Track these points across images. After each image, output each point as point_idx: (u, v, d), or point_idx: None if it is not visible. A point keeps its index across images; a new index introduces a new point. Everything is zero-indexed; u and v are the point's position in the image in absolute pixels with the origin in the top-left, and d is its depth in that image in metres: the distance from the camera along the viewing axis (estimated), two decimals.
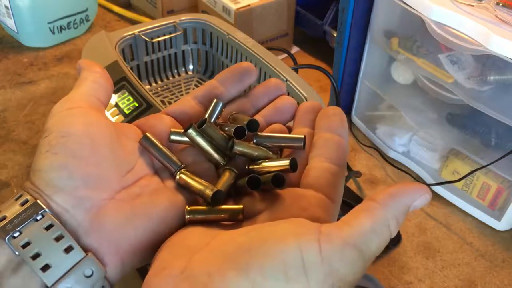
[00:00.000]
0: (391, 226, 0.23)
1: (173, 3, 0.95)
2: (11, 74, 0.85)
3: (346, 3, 0.68)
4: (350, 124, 0.79)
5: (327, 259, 0.22)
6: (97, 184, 0.27)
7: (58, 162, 0.26)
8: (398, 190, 0.23)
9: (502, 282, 0.58)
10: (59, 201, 0.26)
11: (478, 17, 0.55)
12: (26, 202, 0.26)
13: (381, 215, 0.23)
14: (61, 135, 0.27)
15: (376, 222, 0.23)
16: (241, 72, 0.33)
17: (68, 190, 0.26)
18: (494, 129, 0.61)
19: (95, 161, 0.27)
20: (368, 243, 0.22)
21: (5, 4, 0.85)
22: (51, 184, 0.26)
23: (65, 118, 0.28)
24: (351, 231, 0.22)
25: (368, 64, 0.73)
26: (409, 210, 0.24)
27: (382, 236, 0.23)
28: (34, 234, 0.25)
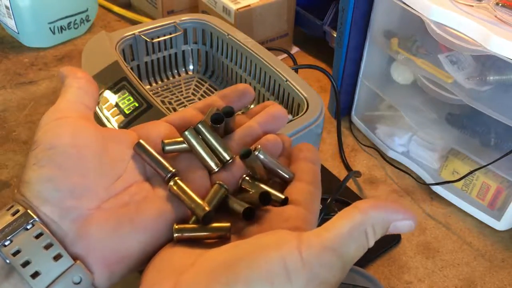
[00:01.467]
0: (368, 234, 0.24)
1: (173, 3, 0.95)
2: (12, 74, 0.85)
3: (346, 3, 0.68)
4: (350, 124, 0.79)
5: (308, 264, 0.23)
6: (83, 194, 0.27)
7: (45, 175, 0.27)
8: (383, 203, 0.24)
9: (502, 282, 0.58)
10: (47, 212, 0.26)
11: (477, 17, 0.55)
12: (17, 212, 0.26)
13: (359, 220, 0.24)
14: (48, 147, 0.27)
15: (353, 227, 0.24)
16: (241, 92, 0.34)
17: (54, 202, 0.27)
18: (493, 129, 0.62)
19: (81, 172, 0.28)
20: (346, 247, 0.23)
21: (6, 4, 0.85)
22: (38, 196, 0.27)
23: (52, 130, 0.28)
24: (329, 236, 0.23)
25: (368, 64, 0.73)
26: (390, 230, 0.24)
27: (359, 242, 0.24)
28: (24, 242, 0.26)
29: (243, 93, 0.34)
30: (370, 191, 0.68)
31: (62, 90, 0.31)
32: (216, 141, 0.31)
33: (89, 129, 0.29)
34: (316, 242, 0.23)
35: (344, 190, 0.66)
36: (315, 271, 0.23)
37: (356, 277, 0.54)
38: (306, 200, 0.29)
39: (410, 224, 0.25)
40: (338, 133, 0.74)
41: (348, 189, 0.68)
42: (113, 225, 0.27)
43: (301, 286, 0.23)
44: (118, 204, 0.28)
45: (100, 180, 0.28)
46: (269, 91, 0.65)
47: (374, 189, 0.69)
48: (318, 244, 0.23)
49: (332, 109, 0.80)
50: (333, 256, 0.23)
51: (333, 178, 0.69)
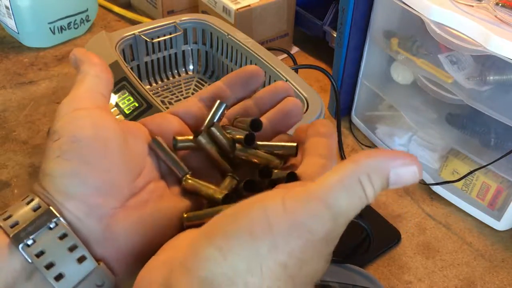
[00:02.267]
0: (364, 184, 0.21)
1: (173, 4, 0.95)
2: (12, 74, 0.85)
3: (346, 3, 0.68)
4: (350, 124, 0.79)
5: (290, 212, 0.21)
6: (108, 192, 0.26)
7: (71, 169, 0.26)
8: (377, 151, 0.22)
9: (502, 282, 0.58)
10: (72, 209, 0.26)
11: (477, 17, 0.55)
12: (38, 207, 0.26)
13: (350, 169, 0.22)
14: (72, 140, 0.26)
15: (344, 176, 0.21)
16: (248, 76, 0.33)
17: (80, 198, 0.26)
18: (493, 129, 0.61)
19: (106, 167, 0.27)
20: (336, 197, 0.21)
21: (6, 4, 0.85)
22: (64, 191, 0.26)
23: (74, 121, 0.27)
24: (316, 185, 0.22)
25: (368, 64, 0.73)
26: (392, 180, 0.22)
27: (353, 192, 0.21)
28: (48, 244, 0.25)
29: (250, 77, 0.33)
30: None
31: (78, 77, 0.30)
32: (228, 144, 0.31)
33: (110, 122, 0.28)
34: (301, 191, 0.22)
35: None
36: (299, 219, 0.21)
37: (356, 277, 0.54)
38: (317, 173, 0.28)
39: (414, 171, 0.22)
40: (338, 133, 0.74)
41: None
42: (136, 225, 0.27)
43: (283, 233, 0.21)
44: (140, 203, 0.28)
45: (125, 177, 0.28)
46: None
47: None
48: (303, 192, 0.22)
49: (332, 109, 0.80)
50: (320, 205, 0.21)
51: None
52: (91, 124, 0.27)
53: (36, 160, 0.69)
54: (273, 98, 0.33)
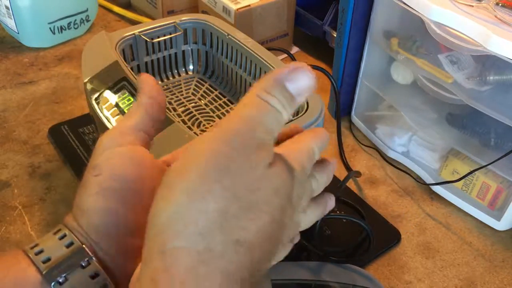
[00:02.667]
0: (265, 97, 0.24)
1: (173, 4, 0.95)
2: (12, 74, 0.85)
3: (346, 3, 0.68)
4: (350, 124, 0.79)
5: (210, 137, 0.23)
6: (138, 232, 0.26)
7: (109, 208, 0.26)
8: (270, 72, 0.25)
9: (502, 282, 0.58)
10: (105, 247, 0.26)
11: (477, 17, 0.55)
12: (71, 244, 0.26)
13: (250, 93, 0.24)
14: (113, 178, 0.27)
15: (245, 99, 0.24)
16: None
17: (114, 237, 0.26)
18: (493, 129, 0.61)
19: (142, 209, 0.26)
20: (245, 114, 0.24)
21: (6, 4, 0.85)
22: (99, 230, 0.26)
23: (116, 159, 0.27)
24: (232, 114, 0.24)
25: (368, 64, 0.73)
26: (291, 88, 0.25)
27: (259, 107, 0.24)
28: (79, 282, 0.25)
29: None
30: (370, 191, 0.68)
31: (132, 107, 0.31)
32: None
33: (149, 162, 0.29)
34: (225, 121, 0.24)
35: (344, 190, 0.66)
36: (218, 136, 0.23)
37: (356, 277, 0.54)
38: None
39: (307, 75, 0.26)
40: (338, 133, 0.74)
41: (348, 189, 0.68)
42: None
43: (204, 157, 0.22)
44: None
45: None
46: None
47: (374, 189, 0.69)
48: (220, 122, 0.24)
49: (332, 109, 0.80)
50: (236, 121, 0.23)
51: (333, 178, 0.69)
52: (132, 163, 0.28)
53: (36, 160, 0.69)
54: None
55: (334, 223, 0.62)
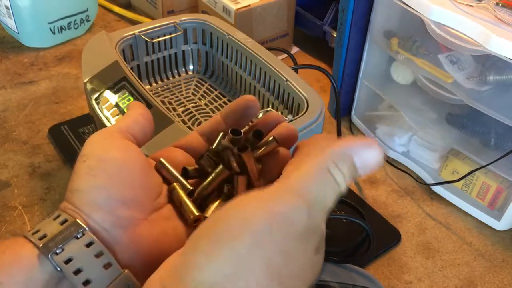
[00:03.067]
0: (333, 172, 0.23)
1: (173, 4, 0.95)
2: (12, 74, 0.85)
3: (346, 3, 0.68)
4: (350, 124, 0.79)
5: (266, 204, 0.22)
6: (133, 205, 0.28)
7: (98, 184, 0.27)
8: (340, 140, 0.24)
9: (502, 282, 0.58)
10: (98, 220, 0.27)
11: (477, 17, 0.55)
12: (65, 221, 0.27)
13: (317, 160, 0.23)
14: (100, 158, 0.28)
15: (312, 167, 0.23)
16: (244, 107, 0.34)
17: (107, 209, 0.27)
18: (493, 129, 0.62)
19: (131, 185, 0.28)
20: (308, 188, 0.23)
21: (6, 4, 0.85)
22: (91, 203, 0.27)
23: (101, 144, 0.29)
24: (288, 179, 0.23)
25: (368, 64, 0.73)
26: (359, 166, 0.24)
27: (323, 181, 0.23)
28: (75, 251, 0.26)
29: (246, 109, 0.34)
30: (370, 191, 0.68)
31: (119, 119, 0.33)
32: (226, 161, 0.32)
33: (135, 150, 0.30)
34: (275, 185, 0.23)
35: None
36: (276, 210, 0.22)
37: (356, 277, 0.54)
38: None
39: (376, 155, 0.24)
40: (338, 133, 0.74)
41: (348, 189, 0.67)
42: (160, 235, 0.28)
43: (261, 227, 0.22)
44: (162, 218, 0.29)
45: (146, 194, 0.29)
46: (269, 91, 0.65)
47: (374, 189, 0.69)
48: (276, 187, 0.23)
49: (332, 109, 0.80)
50: (294, 196, 0.22)
51: None
52: (118, 147, 0.29)
53: (36, 160, 0.69)
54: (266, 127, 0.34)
55: (334, 223, 0.62)
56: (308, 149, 0.28)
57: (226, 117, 0.34)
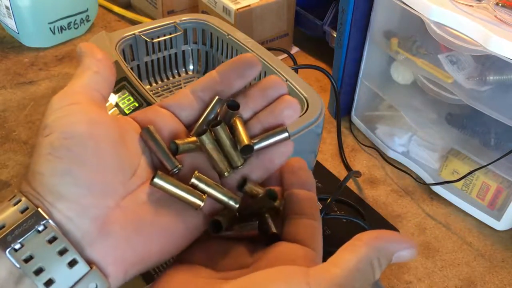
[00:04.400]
0: (374, 265, 0.23)
1: (173, 4, 0.95)
2: (12, 74, 0.85)
3: (346, 3, 0.68)
4: (350, 124, 0.79)
5: None
6: (102, 191, 0.25)
7: (62, 167, 0.24)
8: (385, 234, 0.24)
9: (502, 282, 0.58)
10: (63, 209, 0.24)
11: (477, 17, 0.55)
12: (26, 209, 0.24)
13: (365, 253, 0.23)
14: (64, 136, 0.25)
15: (360, 261, 0.23)
16: (244, 66, 0.30)
17: (72, 198, 0.24)
18: (493, 129, 0.62)
19: (100, 167, 0.25)
20: (353, 282, 0.23)
21: (6, 4, 0.85)
22: (54, 191, 0.24)
23: (66, 117, 0.26)
24: (336, 271, 0.23)
25: (368, 64, 0.73)
26: (393, 260, 0.24)
27: (365, 275, 0.23)
28: (36, 248, 0.24)
29: (246, 68, 0.30)
30: (370, 191, 0.68)
31: (77, 71, 0.28)
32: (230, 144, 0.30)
33: (104, 118, 0.27)
34: (324, 278, 0.23)
35: (344, 190, 0.66)
36: None
37: None
38: (313, 238, 0.28)
39: (412, 253, 0.24)
40: (338, 133, 0.74)
41: (348, 189, 0.68)
42: (134, 226, 0.26)
43: None
44: (136, 203, 0.27)
45: (119, 176, 0.26)
46: None
47: (374, 189, 0.69)
48: (327, 280, 0.23)
49: (332, 109, 0.80)
50: None
51: (333, 178, 0.69)
52: (85, 120, 0.26)
53: None
54: (266, 95, 0.31)
55: (334, 223, 0.62)
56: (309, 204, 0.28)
57: (223, 74, 0.30)
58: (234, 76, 0.30)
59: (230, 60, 0.31)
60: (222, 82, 0.30)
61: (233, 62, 0.31)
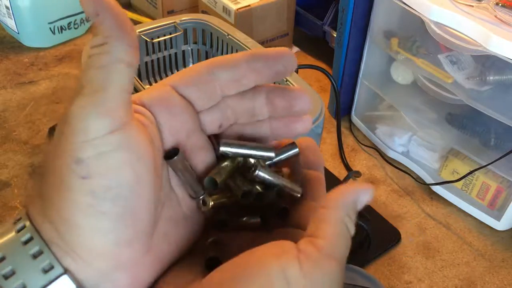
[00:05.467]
0: (348, 223, 0.24)
1: (174, 4, 0.95)
2: (12, 74, 0.85)
3: (346, 3, 0.68)
4: (350, 124, 0.79)
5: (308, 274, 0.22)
6: (138, 241, 0.23)
7: (107, 225, 0.21)
8: (345, 191, 0.24)
9: (502, 282, 0.58)
10: (101, 267, 0.22)
11: (477, 17, 0.55)
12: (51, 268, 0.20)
13: (337, 217, 0.23)
14: (109, 185, 0.20)
15: (336, 225, 0.23)
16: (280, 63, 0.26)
17: (112, 256, 0.22)
18: (493, 129, 0.62)
19: (140, 216, 0.22)
20: (339, 249, 0.23)
21: (6, 4, 0.85)
22: (93, 249, 0.21)
23: (110, 156, 0.20)
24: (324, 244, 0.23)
25: (368, 64, 0.73)
26: (358, 207, 0.24)
27: (345, 235, 0.23)
28: None
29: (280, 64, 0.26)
30: None
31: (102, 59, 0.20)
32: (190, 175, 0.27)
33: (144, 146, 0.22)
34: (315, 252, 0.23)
35: None
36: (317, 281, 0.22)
37: (356, 277, 0.54)
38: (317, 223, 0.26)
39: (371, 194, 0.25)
40: (338, 133, 0.74)
41: None
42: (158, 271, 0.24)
43: None
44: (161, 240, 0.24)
45: (152, 215, 0.23)
46: None
47: (374, 189, 0.69)
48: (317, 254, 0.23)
49: (332, 109, 0.80)
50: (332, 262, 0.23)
51: (333, 178, 0.69)
52: (130, 160, 0.21)
53: (36, 160, 0.69)
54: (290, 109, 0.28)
55: None
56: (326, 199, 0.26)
57: (254, 66, 0.25)
58: (266, 74, 0.26)
59: (265, 51, 0.26)
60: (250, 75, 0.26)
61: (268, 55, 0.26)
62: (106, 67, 0.20)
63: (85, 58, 0.21)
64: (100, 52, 0.20)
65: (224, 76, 0.25)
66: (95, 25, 0.20)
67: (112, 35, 0.20)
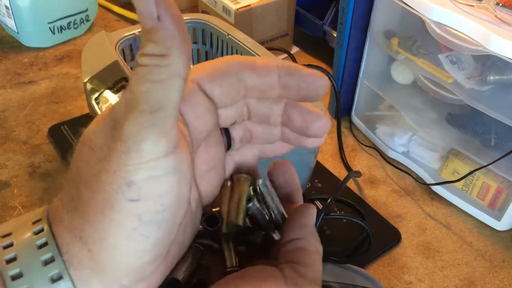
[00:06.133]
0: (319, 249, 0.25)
1: None
2: (11, 74, 0.85)
3: (346, 3, 0.68)
4: (350, 124, 0.79)
5: None
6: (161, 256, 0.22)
7: (146, 249, 0.20)
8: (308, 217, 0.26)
9: (502, 282, 0.58)
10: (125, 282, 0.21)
11: (478, 17, 0.55)
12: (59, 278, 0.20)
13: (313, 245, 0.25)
14: (156, 209, 0.20)
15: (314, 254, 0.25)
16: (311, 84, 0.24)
17: (139, 272, 0.21)
18: (494, 129, 0.61)
19: (173, 236, 0.22)
20: (318, 274, 0.24)
21: (5, 4, 0.85)
22: (125, 269, 0.20)
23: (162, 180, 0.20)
24: (306, 271, 0.24)
25: (368, 64, 0.73)
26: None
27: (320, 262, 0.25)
28: None
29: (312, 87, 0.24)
30: (370, 191, 0.68)
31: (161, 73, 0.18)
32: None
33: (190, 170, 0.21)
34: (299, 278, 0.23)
35: (344, 190, 0.66)
36: None
37: (356, 277, 0.54)
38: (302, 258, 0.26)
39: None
40: (338, 133, 0.74)
41: (348, 189, 0.68)
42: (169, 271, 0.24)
43: None
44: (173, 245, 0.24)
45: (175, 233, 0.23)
46: None
47: (374, 189, 0.69)
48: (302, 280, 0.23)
49: (332, 109, 0.80)
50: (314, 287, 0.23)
51: (333, 178, 0.69)
52: (177, 185, 0.20)
53: (36, 160, 0.69)
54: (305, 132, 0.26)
55: (334, 223, 0.62)
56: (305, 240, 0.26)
57: (285, 82, 0.24)
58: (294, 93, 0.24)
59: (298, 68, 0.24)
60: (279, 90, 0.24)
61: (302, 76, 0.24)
62: (164, 82, 0.18)
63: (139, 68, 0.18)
64: (159, 64, 0.18)
65: (251, 82, 0.24)
66: (152, 30, 0.18)
67: (175, 46, 0.18)
